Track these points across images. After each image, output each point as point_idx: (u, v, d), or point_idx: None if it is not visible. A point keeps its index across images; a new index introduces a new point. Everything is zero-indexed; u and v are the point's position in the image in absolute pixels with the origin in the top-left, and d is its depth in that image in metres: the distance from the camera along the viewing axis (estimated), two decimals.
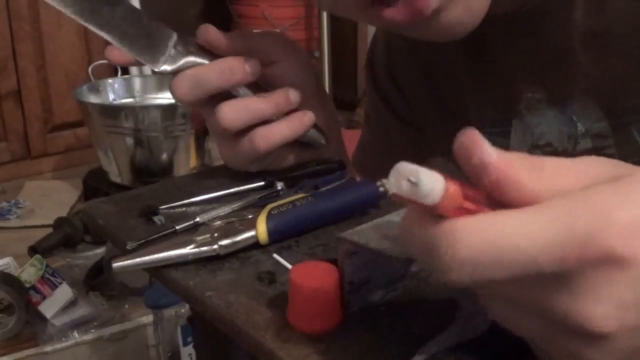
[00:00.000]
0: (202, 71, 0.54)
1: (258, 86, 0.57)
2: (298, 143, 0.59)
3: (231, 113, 0.55)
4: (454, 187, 0.28)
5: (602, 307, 0.28)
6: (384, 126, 0.76)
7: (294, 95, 0.57)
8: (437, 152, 0.66)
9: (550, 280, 0.29)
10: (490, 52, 0.60)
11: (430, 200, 0.28)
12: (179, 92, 0.55)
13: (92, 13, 0.54)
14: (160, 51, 0.55)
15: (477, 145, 0.30)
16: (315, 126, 0.59)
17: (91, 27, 0.54)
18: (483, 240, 0.28)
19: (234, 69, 0.54)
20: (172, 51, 0.55)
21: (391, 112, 0.73)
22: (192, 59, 0.55)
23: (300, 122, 0.57)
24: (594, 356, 0.30)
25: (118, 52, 0.55)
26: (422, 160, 0.31)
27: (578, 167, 0.31)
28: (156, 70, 0.55)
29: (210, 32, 0.56)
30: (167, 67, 0.55)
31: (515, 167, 0.30)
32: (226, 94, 0.56)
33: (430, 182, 0.28)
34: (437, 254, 0.29)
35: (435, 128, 0.68)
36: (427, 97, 0.68)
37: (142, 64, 0.56)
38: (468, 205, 0.29)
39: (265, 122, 0.57)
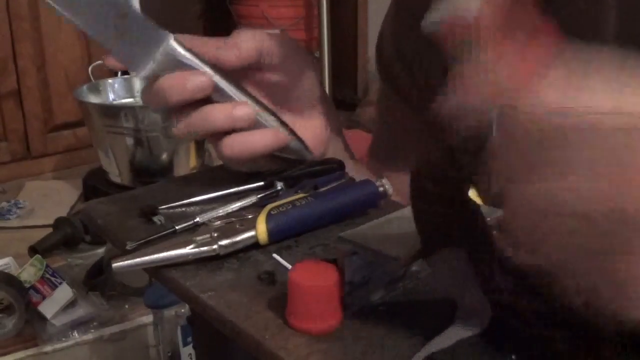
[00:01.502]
0: (160, 83, 0.54)
1: (239, 87, 0.56)
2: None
3: (182, 124, 0.55)
4: (494, 4, 0.30)
5: None
6: (395, 113, 0.76)
7: (239, 109, 0.55)
8: None
9: None
10: None
11: (469, 13, 0.29)
12: (145, 101, 0.56)
13: (84, 14, 0.54)
14: (144, 60, 0.55)
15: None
16: (298, 139, 0.58)
17: (78, 25, 0.54)
18: None
19: (173, 88, 0.54)
20: (158, 57, 0.54)
21: (400, 97, 0.73)
22: (169, 70, 0.54)
23: (274, 137, 0.56)
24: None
25: (113, 59, 0.56)
26: (432, 146, 0.32)
27: None
28: (135, 77, 0.56)
29: (216, 47, 0.55)
30: (144, 74, 0.55)
31: None
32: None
33: None
34: None
35: None
36: (434, 71, 0.68)
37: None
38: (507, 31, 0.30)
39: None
